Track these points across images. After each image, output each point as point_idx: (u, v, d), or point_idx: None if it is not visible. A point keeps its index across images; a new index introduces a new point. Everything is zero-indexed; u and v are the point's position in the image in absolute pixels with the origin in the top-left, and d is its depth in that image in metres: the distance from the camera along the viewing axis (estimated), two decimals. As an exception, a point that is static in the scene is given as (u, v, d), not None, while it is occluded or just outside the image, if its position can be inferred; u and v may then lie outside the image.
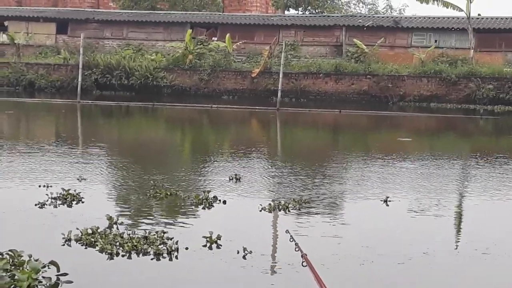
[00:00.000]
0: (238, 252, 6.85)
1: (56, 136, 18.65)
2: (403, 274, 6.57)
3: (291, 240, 6.48)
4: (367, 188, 10.85)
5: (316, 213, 8.95)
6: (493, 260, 7.09)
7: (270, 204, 9.07)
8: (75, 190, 9.35)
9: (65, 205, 8.88)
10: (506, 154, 16.01)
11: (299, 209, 8.99)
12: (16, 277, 5.49)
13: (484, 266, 6.95)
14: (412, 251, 7.19)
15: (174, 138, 19.26)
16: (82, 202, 9.04)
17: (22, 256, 6.07)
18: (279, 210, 8.89)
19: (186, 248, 6.96)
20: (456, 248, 7.56)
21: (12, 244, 6.38)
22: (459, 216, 9.42)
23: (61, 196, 9.10)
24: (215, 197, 9.41)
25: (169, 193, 9.62)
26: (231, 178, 11.12)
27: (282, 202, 9.16)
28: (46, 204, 8.81)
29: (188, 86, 34.50)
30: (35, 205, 8.75)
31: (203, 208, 9.00)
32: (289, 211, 8.89)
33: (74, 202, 8.98)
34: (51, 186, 9.85)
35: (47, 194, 9.13)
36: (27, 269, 5.66)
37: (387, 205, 9.52)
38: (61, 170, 11.65)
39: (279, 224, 8.41)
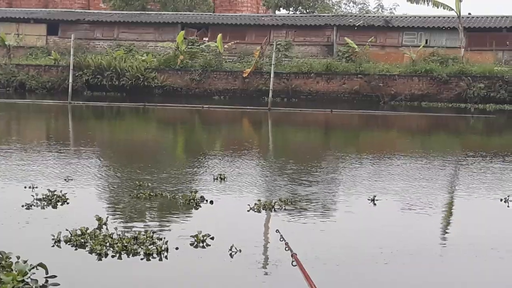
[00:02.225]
0: (227, 251, 6.84)
1: (46, 137, 18.57)
2: (390, 272, 6.58)
3: (281, 239, 6.46)
4: (356, 187, 10.87)
5: (305, 212, 8.94)
6: (477, 256, 7.15)
7: (256, 203, 9.06)
8: (61, 191, 9.31)
9: (50, 206, 8.84)
10: (496, 152, 16.04)
11: (286, 209, 8.98)
12: (2, 279, 5.46)
13: (469, 263, 7.00)
14: (399, 250, 7.21)
15: (164, 139, 19.20)
16: (67, 203, 9.00)
17: (10, 258, 6.03)
18: (267, 210, 8.88)
19: (176, 248, 6.95)
20: (444, 246, 7.59)
21: (0, 245, 6.34)
22: (447, 214, 9.46)
23: (46, 197, 9.06)
24: (202, 197, 9.40)
25: (152, 194, 9.60)
26: (215, 178, 11.10)
27: (269, 202, 9.15)
28: (33, 205, 8.78)
29: (179, 87, 34.40)
30: (22, 206, 8.71)
31: (191, 208, 8.99)
32: (275, 210, 8.88)
33: (59, 204, 8.94)
34: (36, 187, 9.82)
35: (32, 195, 9.09)
36: (15, 271, 5.63)
37: (375, 204, 9.52)
38: (49, 171, 11.61)
39: (268, 224, 8.39)
